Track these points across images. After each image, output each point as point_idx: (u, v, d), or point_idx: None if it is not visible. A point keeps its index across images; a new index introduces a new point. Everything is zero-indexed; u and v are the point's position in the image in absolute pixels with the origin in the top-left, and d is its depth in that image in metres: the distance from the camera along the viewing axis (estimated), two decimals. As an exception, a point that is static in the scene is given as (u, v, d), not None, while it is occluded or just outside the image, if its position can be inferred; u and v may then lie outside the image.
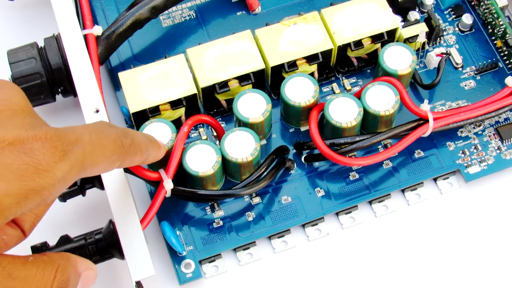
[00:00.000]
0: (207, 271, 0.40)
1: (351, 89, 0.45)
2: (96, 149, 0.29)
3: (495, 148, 0.43)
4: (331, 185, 0.42)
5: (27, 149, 0.26)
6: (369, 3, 0.44)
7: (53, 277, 0.28)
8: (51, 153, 0.26)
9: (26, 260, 0.28)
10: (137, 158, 0.33)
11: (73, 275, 0.30)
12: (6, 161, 0.25)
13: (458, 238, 0.41)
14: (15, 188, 0.25)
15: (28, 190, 0.25)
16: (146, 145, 0.34)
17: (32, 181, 0.26)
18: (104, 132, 0.30)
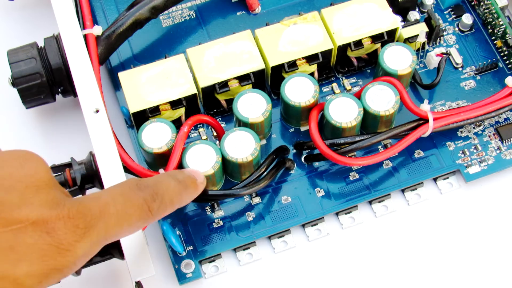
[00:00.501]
0: (207, 271, 0.40)
1: (351, 89, 0.45)
2: (120, 220, 0.29)
3: (495, 148, 0.43)
4: (331, 185, 0.42)
5: (50, 229, 0.26)
6: (369, 3, 0.44)
7: None
8: (73, 232, 0.26)
9: None
10: (168, 211, 0.33)
11: None
12: (29, 241, 0.25)
13: (458, 238, 0.41)
14: (37, 268, 0.25)
15: (50, 270, 0.26)
16: (180, 197, 0.33)
17: (54, 260, 0.26)
18: (131, 199, 0.30)
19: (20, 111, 0.46)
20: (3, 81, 0.45)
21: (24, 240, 0.25)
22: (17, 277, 0.25)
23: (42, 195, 0.26)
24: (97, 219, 0.28)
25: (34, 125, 0.45)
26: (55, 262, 0.26)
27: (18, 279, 0.25)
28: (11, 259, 0.24)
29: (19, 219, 0.25)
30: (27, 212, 0.25)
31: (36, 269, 0.25)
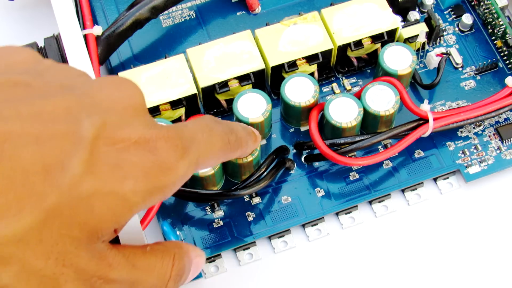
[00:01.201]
0: (207, 271, 0.40)
1: (351, 89, 0.45)
2: (207, 147, 0.30)
3: (495, 148, 0.43)
4: (331, 185, 0.42)
5: (152, 148, 0.26)
6: (369, 3, 0.44)
7: (172, 265, 0.29)
8: (174, 151, 0.27)
9: (144, 251, 0.28)
10: (238, 152, 0.34)
11: (187, 262, 0.30)
12: (133, 159, 0.25)
13: (458, 238, 0.41)
14: (142, 185, 0.25)
15: (153, 188, 0.26)
16: (246, 139, 0.35)
17: (157, 178, 0.26)
18: (213, 129, 0.31)
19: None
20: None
21: (128, 158, 0.25)
22: (124, 192, 0.25)
23: (140, 117, 0.27)
24: (191, 142, 0.28)
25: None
26: (158, 180, 0.26)
27: (125, 195, 0.25)
28: (117, 175, 0.25)
29: (121, 138, 0.25)
30: (129, 131, 0.26)
31: (141, 186, 0.25)
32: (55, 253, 0.24)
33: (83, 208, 0.24)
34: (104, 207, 0.24)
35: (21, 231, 0.23)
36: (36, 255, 0.23)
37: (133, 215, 0.26)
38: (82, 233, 0.24)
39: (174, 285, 0.29)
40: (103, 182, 0.24)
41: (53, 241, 0.24)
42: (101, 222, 0.25)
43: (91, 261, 0.25)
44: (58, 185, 0.23)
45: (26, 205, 0.23)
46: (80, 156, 0.24)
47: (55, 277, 0.24)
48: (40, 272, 0.24)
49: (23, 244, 0.23)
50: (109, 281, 0.26)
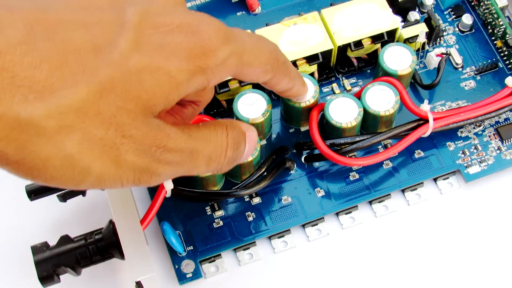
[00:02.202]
0: (207, 271, 0.40)
1: (351, 89, 0.45)
2: (254, 51, 0.31)
3: (495, 148, 0.43)
4: (331, 185, 0.42)
5: (194, 30, 0.27)
6: (369, 3, 0.44)
7: (226, 134, 0.31)
8: (216, 35, 0.28)
9: (198, 126, 0.30)
10: (285, 80, 0.35)
11: (241, 133, 0.32)
12: (177, 40, 0.27)
13: (458, 238, 0.41)
14: (185, 64, 0.27)
15: (196, 67, 0.27)
16: (296, 73, 0.37)
17: (199, 58, 0.27)
18: (263, 41, 0.32)
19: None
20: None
21: (172, 39, 0.27)
22: (169, 69, 0.26)
23: (181, 7, 0.29)
24: (235, 36, 0.29)
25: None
26: (200, 60, 0.27)
27: (170, 72, 0.26)
28: (162, 54, 0.26)
29: (164, 23, 0.27)
30: (171, 17, 0.27)
31: (185, 65, 0.27)
32: (114, 124, 0.25)
33: (134, 82, 0.26)
34: (153, 82, 0.26)
35: (79, 101, 0.24)
36: (96, 125, 0.25)
37: (180, 96, 0.27)
38: (137, 106, 0.26)
39: (233, 153, 0.31)
40: (149, 59, 0.26)
41: (111, 113, 0.25)
42: (153, 96, 0.26)
43: (149, 132, 0.27)
44: (108, 60, 0.25)
45: (81, 79, 0.25)
46: (126, 36, 0.26)
47: (117, 147, 0.26)
48: (102, 141, 0.25)
49: (82, 114, 0.25)
50: (169, 149, 0.28)
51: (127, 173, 0.27)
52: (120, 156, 0.26)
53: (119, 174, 0.27)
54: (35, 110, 0.24)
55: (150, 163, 0.27)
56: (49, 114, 0.24)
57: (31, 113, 0.24)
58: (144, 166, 0.27)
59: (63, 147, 0.25)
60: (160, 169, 0.28)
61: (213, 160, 0.30)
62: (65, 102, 0.24)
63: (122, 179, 0.27)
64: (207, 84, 0.28)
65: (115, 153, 0.26)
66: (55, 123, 0.24)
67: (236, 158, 0.32)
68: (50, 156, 0.25)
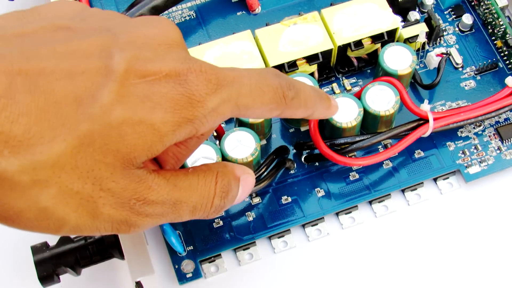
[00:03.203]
0: (207, 271, 0.40)
1: (351, 89, 0.45)
2: (253, 93, 0.29)
3: (495, 148, 0.43)
4: (331, 185, 0.42)
5: (182, 81, 0.27)
6: (369, 3, 0.44)
7: (215, 183, 0.30)
8: (205, 85, 0.27)
9: (187, 172, 0.29)
10: (300, 112, 0.33)
11: (233, 179, 0.31)
12: (163, 90, 0.26)
13: (458, 238, 0.41)
14: (171, 116, 0.26)
15: (182, 118, 0.27)
16: (313, 101, 0.34)
17: (186, 110, 0.27)
18: (267, 79, 0.30)
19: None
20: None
21: (158, 89, 0.26)
22: (153, 122, 0.26)
23: (174, 53, 0.28)
24: (230, 82, 0.28)
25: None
26: (187, 112, 0.27)
27: (154, 124, 0.26)
28: (147, 106, 0.26)
29: (153, 71, 0.26)
30: (160, 65, 0.27)
31: (170, 116, 0.26)
32: (91, 178, 0.25)
33: (114, 136, 0.25)
34: (134, 135, 0.26)
35: (55, 156, 0.24)
36: (72, 179, 0.25)
37: (165, 146, 0.27)
38: (116, 159, 0.25)
39: (220, 201, 0.30)
40: (133, 112, 0.25)
41: (88, 167, 0.25)
42: (133, 150, 0.26)
43: (129, 185, 0.26)
44: (89, 114, 0.25)
45: (59, 133, 0.24)
46: (110, 87, 0.25)
47: (93, 200, 0.25)
48: (78, 194, 0.25)
49: (58, 168, 0.24)
50: (149, 202, 0.27)
51: (104, 224, 0.27)
52: (97, 209, 0.26)
53: (95, 225, 0.26)
54: (9, 165, 0.24)
55: (128, 216, 0.27)
56: (23, 170, 0.24)
57: (5, 168, 0.23)
58: (122, 218, 0.27)
59: (37, 200, 0.25)
60: (139, 222, 0.27)
61: (198, 209, 0.29)
62: (40, 158, 0.24)
63: (100, 229, 0.27)
64: (196, 133, 0.28)
65: (92, 206, 0.26)
66: (29, 178, 0.24)
67: (224, 206, 0.31)
68: (24, 209, 0.25)
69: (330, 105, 0.36)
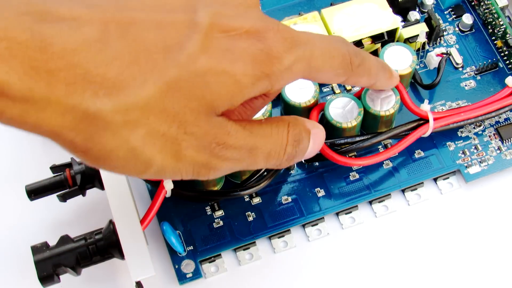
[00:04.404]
0: (207, 271, 0.40)
1: (351, 89, 0.45)
2: (324, 56, 0.31)
3: (495, 148, 0.43)
4: (331, 185, 0.42)
5: (261, 37, 0.28)
6: (369, 3, 0.44)
7: (287, 132, 0.32)
8: (281, 43, 0.29)
9: (260, 122, 0.31)
10: (364, 79, 0.35)
11: (304, 131, 0.33)
12: (243, 45, 0.28)
13: (458, 238, 0.41)
14: (250, 69, 0.28)
15: (261, 73, 0.28)
16: (377, 70, 0.36)
17: (264, 65, 0.28)
18: (336, 44, 0.32)
19: (20, 111, 0.46)
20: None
21: (239, 44, 0.28)
22: (235, 73, 0.28)
23: (252, 12, 0.29)
24: (304, 43, 0.30)
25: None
26: (265, 67, 0.28)
27: (235, 75, 0.28)
28: (229, 58, 0.28)
29: (234, 27, 0.28)
30: (241, 22, 0.28)
31: (250, 70, 0.28)
32: (177, 121, 0.27)
33: (199, 83, 0.27)
34: (218, 84, 0.27)
35: (145, 99, 0.26)
36: (159, 122, 0.26)
37: (244, 98, 0.29)
38: (201, 105, 0.27)
39: (292, 150, 0.32)
40: (216, 62, 0.27)
41: (175, 111, 0.27)
42: (217, 98, 0.28)
43: (211, 130, 0.28)
44: (177, 61, 0.27)
45: (149, 77, 0.26)
46: (196, 38, 0.27)
47: (178, 142, 0.27)
48: (164, 136, 0.27)
49: (147, 110, 0.26)
50: (228, 146, 0.29)
51: (187, 167, 0.28)
52: (180, 151, 0.28)
53: (178, 167, 0.28)
54: (103, 105, 0.25)
55: (209, 159, 0.29)
56: (116, 110, 0.25)
57: (99, 108, 0.25)
58: (203, 161, 0.29)
59: (128, 140, 0.26)
60: (219, 165, 0.29)
61: (272, 156, 0.31)
62: (132, 99, 0.26)
63: (182, 172, 0.29)
64: (271, 89, 0.29)
65: (176, 148, 0.27)
66: (121, 118, 0.26)
67: (297, 155, 0.32)
68: (115, 148, 0.26)
69: (392, 76, 0.38)
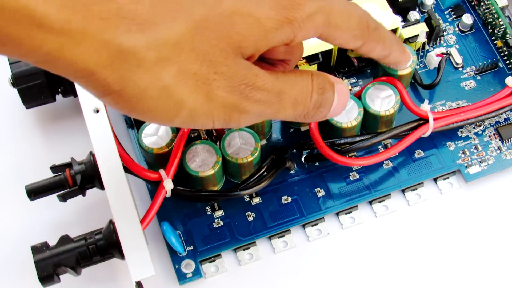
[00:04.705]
0: (207, 271, 0.40)
1: (351, 89, 0.45)
2: (342, 14, 0.32)
3: (495, 148, 0.43)
4: (331, 185, 0.42)
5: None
6: (369, 3, 0.44)
7: (311, 80, 0.32)
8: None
9: (284, 71, 0.32)
10: (379, 47, 0.35)
11: (327, 81, 0.33)
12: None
13: (458, 238, 0.41)
14: (274, 13, 0.29)
15: (284, 18, 0.29)
16: (391, 41, 0.36)
17: (287, 10, 0.29)
18: (354, 6, 0.33)
19: (20, 111, 0.46)
20: (3, 81, 0.45)
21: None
22: (259, 16, 0.28)
23: None
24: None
25: (34, 125, 0.46)
26: (288, 12, 0.29)
27: (260, 18, 0.28)
28: (253, 1, 0.28)
29: None
30: None
31: (273, 13, 0.29)
32: (207, 60, 0.27)
33: (226, 23, 0.28)
34: (244, 25, 0.28)
35: (176, 36, 0.26)
36: (190, 60, 0.27)
37: (268, 44, 0.29)
38: (229, 46, 0.28)
39: (318, 97, 0.32)
40: (241, 4, 0.28)
41: (204, 50, 0.27)
42: (243, 38, 0.28)
43: (239, 70, 0.28)
44: (203, 1, 0.27)
45: (179, 16, 0.26)
46: None
47: (209, 82, 0.28)
48: (195, 76, 0.27)
49: (178, 48, 0.26)
50: (257, 88, 0.29)
51: (218, 109, 0.29)
52: (212, 91, 0.28)
53: (210, 110, 0.28)
54: (137, 41, 0.25)
55: (239, 100, 0.29)
56: (149, 46, 0.26)
57: (133, 43, 0.25)
58: (234, 102, 0.29)
59: (161, 78, 0.26)
60: (249, 107, 0.29)
61: (299, 102, 0.31)
62: (164, 35, 0.26)
63: (214, 116, 0.29)
64: (294, 38, 0.30)
65: (207, 88, 0.28)
66: (154, 55, 0.26)
67: (322, 104, 0.33)
68: (149, 86, 0.26)
69: (405, 50, 0.39)
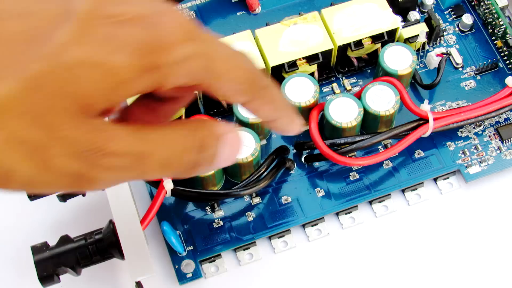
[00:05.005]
0: (207, 271, 0.40)
1: (351, 89, 0.45)
2: (227, 63, 0.26)
3: (495, 148, 0.43)
4: (331, 185, 0.42)
5: (152, 22, 0.24)
6: (369, 3, 0.44)
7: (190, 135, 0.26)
8: (178, 29, 0.24)
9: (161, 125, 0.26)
10: (268, 109, 0.29)
11: (211, 135, 0.27)
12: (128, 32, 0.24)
13: (458, 238, 0.41)
14: (134, 59, 0.24)
15: (148, 63, 0.24)
16: (282, 106, 0.30)
17: (153, 54, 0.24)
18: (244, 57, 0.27)
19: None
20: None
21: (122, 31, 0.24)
22: (113, 65, 0.23)
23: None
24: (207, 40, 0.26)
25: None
26: (154, 56, 0.24)
27: (113, 68, 0.23)
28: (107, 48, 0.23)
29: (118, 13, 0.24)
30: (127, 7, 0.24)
31: (133, 60, 0.23)
32: (44, 125, 0.23)
33: (69, 78, 0.23)
34: (91, 79, 0.23)
35: (3, 99, 0.22)
36: (22, 125, 0.23)
37: (127, 95, 0.24)
38: (73, 105, 0.23)
39: (196, 156, 0.27)
40: (90, 53, 0.23)
41: (41, 111, 0.23)
42: (91, 95, 0.23)
43: (86, 134, 0.24)
44: (42, 54, 0.22)
45: (6, 74, 0.22)
46: (68, 27, 0.23)
47: (45, 149, 0.23)
48: (29, 143, 0.23)
49: (7, 111, 0.22)
50: (108, 154, 0.24)
51: (60, 178, 0.24)
52: (49, 160, 0.23)
53: (49, 180, 0.24)
54: None
55: (84, 168, 0.24)
56: None
57: None
58: (78, 171, 0.24)
59: None
60: (100, 175, 0.24)
61: (170, 164, 0.26)
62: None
63: (53, 184, 0.24)
64: (164, 85, 0.25)
65: (44, 156, 0.23)
66: None
67: (203, 163, 0.27)
68: None
69: (296, 120, 0.31)
